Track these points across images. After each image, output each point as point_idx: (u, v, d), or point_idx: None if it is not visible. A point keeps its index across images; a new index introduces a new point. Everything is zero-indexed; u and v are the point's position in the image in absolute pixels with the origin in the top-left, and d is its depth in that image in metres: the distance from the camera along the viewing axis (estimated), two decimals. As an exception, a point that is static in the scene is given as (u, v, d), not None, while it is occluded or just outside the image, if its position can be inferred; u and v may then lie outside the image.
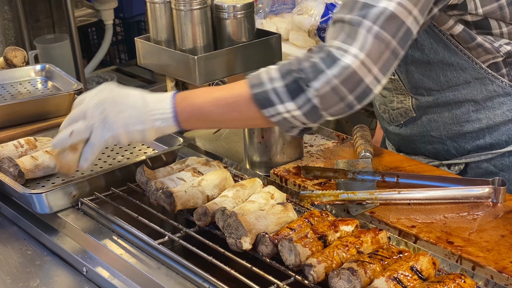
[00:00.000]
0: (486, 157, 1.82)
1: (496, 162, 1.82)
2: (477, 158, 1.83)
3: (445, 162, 1.86)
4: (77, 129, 1.55)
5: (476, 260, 1.43)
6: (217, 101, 1.52)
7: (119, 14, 5.52)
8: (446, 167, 1.86)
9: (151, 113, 1.53)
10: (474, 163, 1.83)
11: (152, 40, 2.15)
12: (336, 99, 1.44)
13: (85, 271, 1.59)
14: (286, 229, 1.49)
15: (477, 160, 1.83)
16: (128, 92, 1.56)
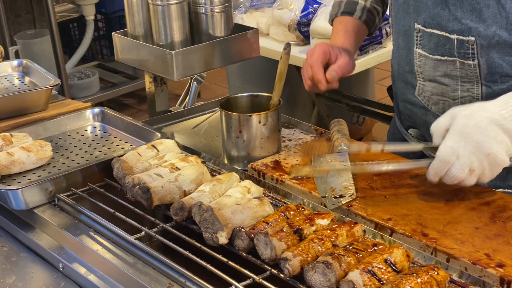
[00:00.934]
0: None
1: None
2: None
3: None
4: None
5: (451, 252, 1.44)
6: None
7: (101, 9, 5.50)
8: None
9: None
10: None
11: (130, 35, 2.14)
12: None
13: (62, 267, 1.59)
14: (262, 223, 1.49)
15: None
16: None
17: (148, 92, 2.29)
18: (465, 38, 1.69)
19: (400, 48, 1.88)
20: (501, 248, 1.44)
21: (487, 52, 1.69)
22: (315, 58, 1.89)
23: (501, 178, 1.80)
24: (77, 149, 1.99)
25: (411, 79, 1.87)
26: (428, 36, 1.77)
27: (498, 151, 1.51)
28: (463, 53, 1.71)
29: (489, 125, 1.51)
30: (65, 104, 2.22)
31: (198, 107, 2.31)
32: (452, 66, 1.75)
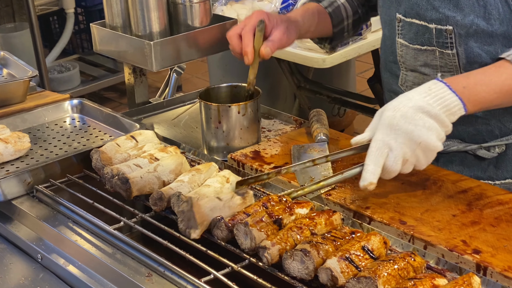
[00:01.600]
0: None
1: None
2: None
3: (484, 145, 1.79)
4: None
5: (428, 239, 1.45)
6: (498, 89, 1.58)
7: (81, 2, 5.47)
8: (485, 150, 1.80)
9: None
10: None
11: (108, 26, 2.13)
12: None
13: (40, 258, 1.58)
14: (242, 214, 1.49)
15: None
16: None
17: (128, 83, 2.29)
18: (443, 27, 1.70)
19: (386, 38, 1.90)
20: (478, 235, 1.46)
21: (465, 41, 1.70)
22: (248, 28, 1.81)
23: (483, 169, 1.82)
24: (55, 140, 1.98)
25: (395, 69, 1.88)
26: (408, 25, 1.77)
27: (429, 137, 1.50)
28: (441, 42, 1.72)
29: (416, 113, 1.50)
30: (44, 96, 2.21)
31: (177, 98, 2.31)
32: (431, 55, 1.76)
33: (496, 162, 1.81)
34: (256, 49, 1.82)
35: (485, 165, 1.81)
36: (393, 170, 1.52)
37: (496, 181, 1.80)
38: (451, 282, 1.25)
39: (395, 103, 1.54)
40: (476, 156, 1.81)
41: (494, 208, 1.55)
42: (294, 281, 1.34)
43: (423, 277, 1.27)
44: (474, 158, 1.81)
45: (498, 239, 1.44)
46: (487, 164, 1.81)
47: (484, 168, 1.82)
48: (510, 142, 1.79)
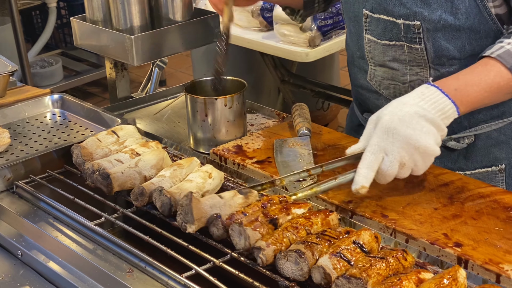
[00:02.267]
0: (496, 126, 1.80)
1: (506, 130, 1.81)
2: (487, 129, 1.80)
3: (454, 136, 1.81)
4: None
5: (409, 233, 1.45)
6: (488, 88, 1.59)
7: (63, -4, 5.44)
8: (455, 141, 1.81)
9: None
10: (485, 134, 1.81)
11: (88, 20, 2.12)
12: None
13: (20, 255, 1.57)
14: (240, 213, 1.47)
15: (487, 130, 1.80)
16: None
17: (109, 78, 2.27)
18: (411, 22, 1.71)
19: (352, 34, 1.89)
20: (459, 228, 1.46)
21: (433, 36, 1.71)
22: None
23: (453, 161, 1.83)
24: (36, 136, 1.96)
25: (362, 64, 1.88)
26: (376, 21, 1.78)
27: (428, 142, 1.50)
28: (410, 37, 1.73)
29: (414, 118, 1.50)
30: (24, 91, 2.19)
31: (160, 93, 2.30)
32: (400, 50, 1.77)
33: (466, 152, 1.83)
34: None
35: (455, 156, 1.83)
36: (389, 174, 1.52)
37: (466, 171, 1.81)
38: (436, 276, 1.25)
39: (390, 108, 1.53)
40: (446, 148, 1.83)
41: (475, 201, 1.55)
42: (275, 275, 1.34)
43: (409, 271, 1.26)
44: (444, 149, 1.82)
45: (479, 232, 1.44)
46: (457, 155, 1.83)
47: (454, 159, 1.83)
48: (478, 132, 1.81)
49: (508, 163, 1.83)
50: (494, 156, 1.82)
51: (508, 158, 1.83)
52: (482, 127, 1.80)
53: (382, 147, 1.50)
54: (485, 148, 1.82)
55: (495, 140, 1.82)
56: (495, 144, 1.82)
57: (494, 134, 1.81)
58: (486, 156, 1.82)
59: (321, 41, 3.39)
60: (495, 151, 1.82)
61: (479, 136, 1.81)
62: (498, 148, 1.82)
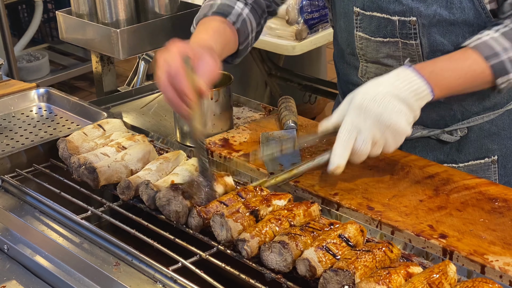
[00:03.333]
0: (488, 118, 1.81)
1: (498, 121, 1.82)
2: (480, 121, 1.81)
3: (447, 129, 1.82)
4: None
5: (395, 225, 1.46)
6: (464, 74, 1.61)
7: (50, -10, 5.41)
8: (448, 134, 1.82)
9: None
10: (477, 126, 1.82)
11: (74, 14, 2.11)
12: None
13: (7, 249, 1.57)
14: (216, 202, 1.48)
15: (480, 122, 1.81)
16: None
17: (95, 72, 2.27)
18: (406, 18, 1.71)
19: (342, 30, 1.88)
20: (444, 220, 1.47)
21: (428, 31, 1.71)
22: (176, 69, 1.50)
23: (445, 153, 1.84)
24: (22, 130, 1.96)
25: (353, 60, 1.88)
26: (369, 19, 1.77)
27: (398, 120, 1.52)
28: (405, 33, 1.73)
29: (386, 97, 1.52)
30: (10, 85, 2.18)
31: (146, 86, 2.29)
32: (394, 47, 1.77)
33: (458, 145, 1.83)
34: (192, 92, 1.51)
35: (447, 149, 1.84)
36: (362, 153, 1.53)
37: (460, 164, 1.82)
38: (426, 270, 1.26)
39: (364, 88, 1.55)
40: (439, 141, 1.83)
41: (460, 193, 1.56)
42: (261, 268, 1.34)
43: (398, 265, 1.27)
44: (437, 142, 1.83)
45: (464, 224, 1.45)
46: (449, 148, 1.84)
47: (446, 152, 1.84)
48: (471, 124, 1.81)
49: (501, 154, 1.85)
50: (486, 147, 1.84)
51: (500, 149, 1.85)
52: (475, 119, 1.81)
53: (355, 125, 1.52)
54: (477, 140, 1.83)
55: (487, 132, 1.83)
56: (487, 135, 1.83)
57: (486, 126, 1.82)
58: (479, 148, 1.84)
59: (307, 34, 3.40)
60: (487, 143, 1.83)
61: (472, 128, 1.82)
62: (490, 139, 1.83)
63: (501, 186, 1.58)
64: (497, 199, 1.53)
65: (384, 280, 1.21)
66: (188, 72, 1.50)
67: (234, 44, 1.82)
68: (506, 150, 1.85)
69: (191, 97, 1.49)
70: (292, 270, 1.32)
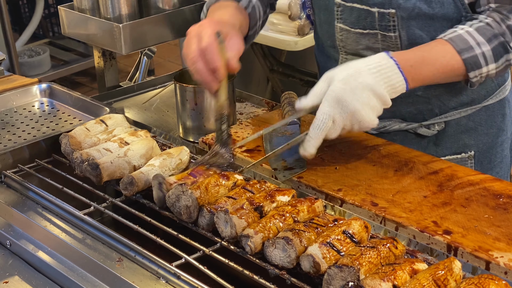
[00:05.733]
0: (466, 113, 1.83)
1: (475, 117, 1.84)
2: (457, 116, 1.83)
3: (424, 123, 1.84)
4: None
5: (399, 221, 1.45)
6: (441, 69, 1.64)
7: (51, -15, 5.40)
8: (425, 128, 1.84)
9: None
10: (454, 121, 1.83)
11: (76, 9, 2.10)
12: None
13: (9, 245, 1.56)
14: (224, 197, 1.47)
15: (457, 117, 1.83)
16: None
17: (97, 67, 2.26)
18: (386, 10, 1.72)
19: (322, 22, 1.89)
20: (448, 216, 1.46)
21: (407, 23, 1.72)
22: (209, 42, 1.56)
23: (423, 147, 1.86)
24: (24, 125, 1.95)
25: (333, 53, 1.89)
26: (349, 10, 1.78)
27: (369, 116, 1.55)
28: (384, 25, 1.74)
29: (364, 91, 1.54)
30: (12, 80, 2.17)
31: (148, 82, 2.29)
32: (373, 39, 1.77)
33: (436, 139, 1.85)
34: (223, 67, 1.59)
35: (425, 143, 1.86)
36: (331, 138, 1.58)
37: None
38: (431, 267, 1.25)
39: (345, 74, 1.56)
40: (416, 134, 1.85)
41: (464, 189, 1.56)
42: (265, 264, 1.33)
43: (403, 262, 1.26)
44: (414, 136, 1.86)
45: (469, 220, 1.45)
46: (427, 142, 1.86)
47: (424, 146, 1.86)
48: (448, 119, 1.83)
49: (477, 149, 1.87)
50: (463, 142, 1.86)
51: (477, 145, 1.86)
52: (452, 114, 1.83)
53: (331, 115, 1.55)
54: (454, 135, 1.85)
55: (464, 127, 1.85)
56: (465, 131, 1.85)
57: (463, 121, 1.84)
58: (456, 143, 1.85)
59: (310, 29, 3.38)
60: (464, 138, 1.85)
61: (449, 123, 1.84)
62: (467, 134, 1.85)
63: (505, 182, 1.58)
64: (502, 195, 1.52)
65: (389, 276, 1.20)
66: (220, 47, 1.57)
67: (246, 29, 1.87)
68: (483, 145, 1.87)
69: (222, 71, 1.56)
70: (296, 266, 1.32)
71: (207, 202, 1.46)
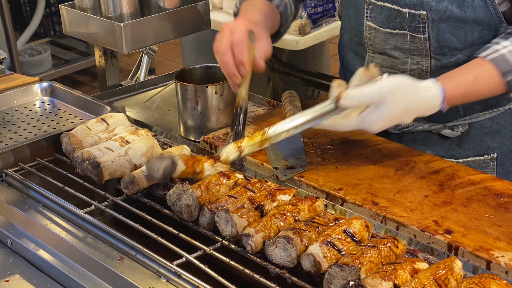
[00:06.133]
0: (490, 115, 1.82)
1: (500, 119, 1.83)
2: (481, 117, 1.82)
3: (448, 124, 1.82)
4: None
5: (400, 220, 1.45)
6: (477, 93, 1.65)
7: (52, -16, 5.40)
8: (449, 129, 1.83)
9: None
10: (478, 122, 1.82)
11: (77, 7, 2.10)
12: None
13: (10, 243, 1.56)
14: (225, 196, 1.47)
15: (481, 119, 1.82)
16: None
17: (98, 66, 2.26)
18: (416, 12, 1.71)
19: (351, 19, 1.88)
20: (449, 215, 1.46)
21: (437, 26, 1.71)
22: (240, 38, 1.65)
23: (445, 148, 1.84)
24: (25, 124, 1.95)
25: (360, 50, 1.87)
26: (379, 9, 1.77)
27: (381, 128, 1.55)
28: (414, 26, 1.72)
29: (405, 116, 1.56)
30: (13, 79, 2.17)
31: (149, 81, 2.29)
32: (402, 39, 1.76)
33: (459, 140, 1.84)
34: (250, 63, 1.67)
35: (447, 144, 1.84)
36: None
37: (459, 159, 1.83)
38: (431, 266, 1.25)
39: (399, 98, 1.54)
40: (439, 135, 1.84)
41: (465, 188, 1.56)
42: (266, 263, 1.34)
43: (403, 261, 1.27)
44: (437, 137, 1.84)
45: (470, 219, 1.45)
46: (449, 143, 1.84)
47: (446, 147, 1.85)
48: (473, 121, 1.82)
49: (500, 152, 1.85)
50: (486, 144, 1.84)
51: (500, 147, 1.85)
52: (476, 116, 1.82)
53: (381, 97, 1.52)
54: (478, 136, 1.83)
55: (488, 129, 1.83)
56: (488, 133, 1.83)
57: (487, 123, 1.83)
58: (479, 145, 1.84)
59: (311, 29, 3.39)
60: (487, 140, 1.84)
61: (473, 125, 1.82)
62: (490, 137, 1.83)
63: (506, 181, 1.58)
64: (503, 195, 1.52)
65: (390, 275, 1.20)
66: (250, 44, 1.65)
67: (277, 26, 1.92)
68: (506, 148, 1.86)
69: (247, 67, 1.65)
70: (297, 265, 1.32)
71: (208, 201, 1.47)
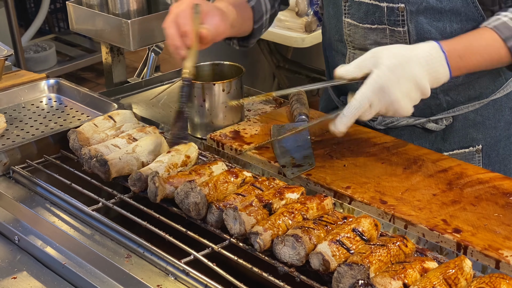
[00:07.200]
0: (473, 108, 1.83)
1: (483, 111, 1.84)
2: (465, 110, 1.83)
3: (432, 118, 1.83)
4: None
5: (408, 219, 1.45)
6: (488, 58, 1.64)
7: (57, -19, 5.40)
8: (433, 123, 1.84)
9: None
10: (462, 115, 1.83)
11: (84, 4, 2.10)
12: None
13: (17, 240, 1.56)
14: (233, 194, 1.47)
15: (465, 111, 1.83)
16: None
17: (105, 63, 2.26)
18: (395, 5, 1.72)
19: (330, 17, 1.89)
20: (458, 214, 1.46)
21: (416, 18, 1.72)
22: (183, 10, 1.65)
23: (430, 142, 1.86)
24: (32, 120, 1.95)
25: (341, 47, 1.88)
26: (357, 5, 1.77)
27: (407, 106, 1.54)
28: (393, 20, 1.73)
29: (409, 82, 1.52)
30: (20, 76, 2.17)
31: (156, 78, 2.28)
32: (382, 34, 1.77)
33: (444, 134, 1.85)
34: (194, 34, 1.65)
35: (432, 137, 1.86)
36: (363, 120, 1.56)
37: (444, 152, 1.83)
38: (441, 265, 1.25)
39: (393, 62, 1.52)
40: (424, 129, 1.85)
41: (474, 187, 1.55)
42: (274, 261, 1.33)
43: (413, 260, 1.26)
44: (422, 131, 1.85)
45: (479, 218, 1.44)
46: (434, 136, 1.86)
47: (431, 141, 1.86)
48: (456, 114, 1.83)
49: (485, 143, 1.86)
50: (471, 137, 1.85)
51: (485, 139, 1.86)
52: (460, 109, 1.83)
53: (370, 100, 1.52)
54: (462, 129, 1.84)
55: (472, 121, 1.84)
56: (472, 125, 1.84)
57: (471, 115, 1.84)
58: (464, 137, 1.85)
59: (317, 26, 3.38)
60: (472, 132, 1.85)
61: (457, 118, 1.84)
62: (475, 129, 1.84)
63: (515, 180, 1.57)
64: (511, 194, 1.52)
65: (399, 275, 1.20)
66: (194, 16, 1.64)
67: (249, 21, 1.88)
68: (491, 139, 1.87)
69: (191, 37, 1.63)
70: (305, 264, 1.31)
71: (216, 199, 1.46)
